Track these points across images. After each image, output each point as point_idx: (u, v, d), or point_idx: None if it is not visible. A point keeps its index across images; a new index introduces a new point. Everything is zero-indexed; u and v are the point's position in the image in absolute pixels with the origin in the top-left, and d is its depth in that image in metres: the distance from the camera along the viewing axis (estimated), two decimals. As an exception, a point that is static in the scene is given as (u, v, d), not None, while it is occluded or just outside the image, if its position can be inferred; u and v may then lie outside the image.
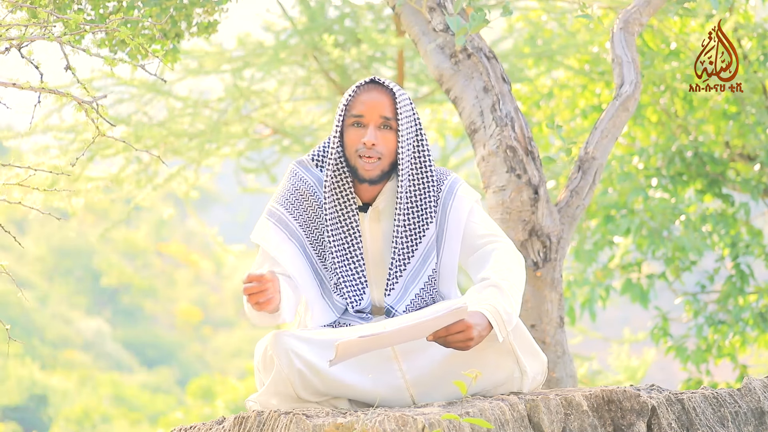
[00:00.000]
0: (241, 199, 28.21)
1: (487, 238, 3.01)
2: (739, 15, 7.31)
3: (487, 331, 2.76)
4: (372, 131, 2.96)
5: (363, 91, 3.01)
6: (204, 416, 14.33)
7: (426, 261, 3.00)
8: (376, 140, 2.96)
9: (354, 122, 2.99)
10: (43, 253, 29.91)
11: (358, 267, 3.01)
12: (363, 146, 2.96)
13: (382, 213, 3.04)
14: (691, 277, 8.36)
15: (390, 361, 2.84)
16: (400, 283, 3.00)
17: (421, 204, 3.02)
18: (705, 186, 7.75)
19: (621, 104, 4.16)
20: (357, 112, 2.98)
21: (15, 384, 22.63)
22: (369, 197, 3.04)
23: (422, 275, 3.00)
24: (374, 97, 2.99)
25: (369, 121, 2.98)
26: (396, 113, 2.98)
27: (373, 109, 2.97)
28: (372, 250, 3.04)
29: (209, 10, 4.29)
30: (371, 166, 2.96)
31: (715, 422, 2.82)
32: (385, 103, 2.98)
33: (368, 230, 3.04)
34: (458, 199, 3.04)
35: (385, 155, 2.97)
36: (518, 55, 8.08)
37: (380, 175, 2.98)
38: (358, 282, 3.01)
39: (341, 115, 3.00)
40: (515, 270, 2.93)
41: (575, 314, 7.77)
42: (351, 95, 3.01)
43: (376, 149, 2.96)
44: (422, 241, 3.00)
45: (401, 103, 2.98)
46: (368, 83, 3.02)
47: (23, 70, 3.03)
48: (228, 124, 8.10)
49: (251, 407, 2.94)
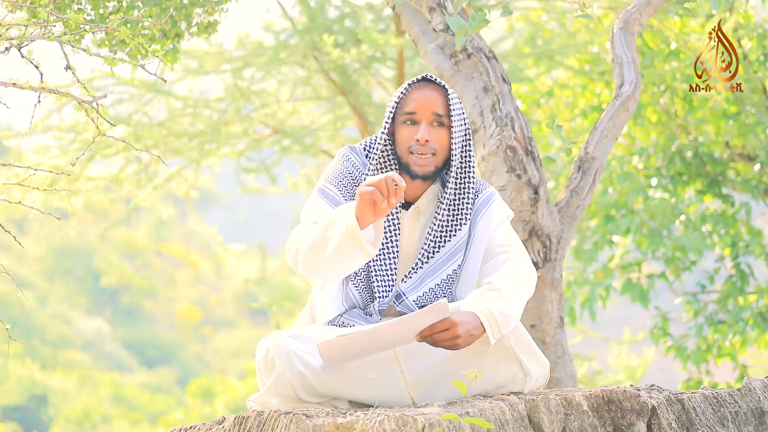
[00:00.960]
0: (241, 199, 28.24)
1: (504, 248, 3.03)
2: (739, 15, 7.31)
3: (479, 331, 2.76)
4: (425, 128, 2.97)
5: (415, 89, 3.01)
6: (204, 416, 14.34)
7: (450, 260, 3.02)
8: (429, 137, 2.96)
9: (406, 119, 2.99)
10: (43, 253, 29.91)
11: (391, 262, 3.02)
12: (416, 143, 2.96)
13: (423, 213, 3.05)
14: (691, 277, 8.36)
15: (390, 362, 2.85)
16: (419, 274, 3.01)
17: (459, 205, 3.03)
18: (705, 186, 7.75)
19: (621, 104, 4.16)
20: (410, 110, 2.99)
21: (15, 384, 22.63)
22: (413, 196, 3.05)
23: (442, 272, 3.01)
24: (427, 94, 2.99)
25: (422, 118, 2.98)
26: (449, 110, 2.98)
27: (426, 107, 2.98)
28: (407, 247, 3.05)
29: (209, 10, 4.29)
30: (425, 161, 2.97)
31: (715, 422, 2.82)
32: (438, 101, 2.99)
33: (407, 228, 3.05)
34: (491, 210, 3.06)
35: (438, 152, 2.98)
36: (518, 55, 8.08)
37: (434, 171, 2.99)
38: (388, 275, 3.01)
39: (392, 112, 3.01)
40: (523, 279, 2.94)
41: (575, 314, 7.77)
42: (403, 93, 3.01)
43: (429, 145, 2.97)
44: (452, 240, 3.02)
45: (453, 100, 2.99)
46: (420, 81, 3.03)
47: (23, 70, 3.03)
48: (228, 124, 8.10)
49: (251, 407, 2.94)
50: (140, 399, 25.36)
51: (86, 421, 22.53)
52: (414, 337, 2.76)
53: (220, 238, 9.25)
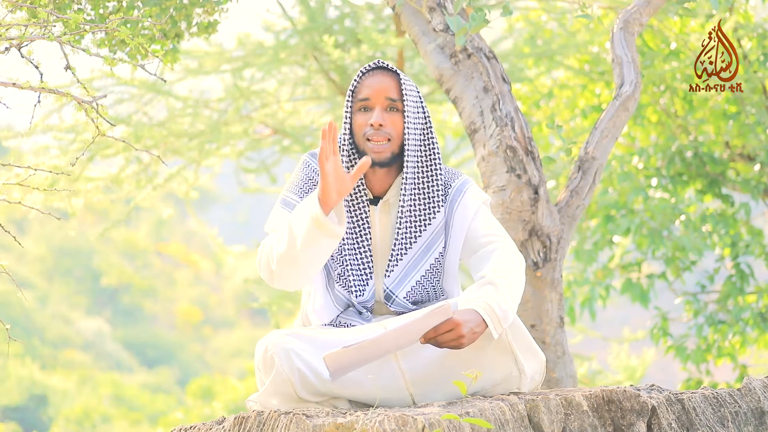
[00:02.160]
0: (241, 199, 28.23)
1: (489, 238, 3.01)
2: (739, 15, 7.31)
3: (482, 327, 2.76)
4: (378, 113, 2.97)
5: (368, 76, 3.02)
6: (204, 416, 14.33)
7: (429, 250, 3.00)
8: (383, 121, 2.96)
9: (361, 107, 3.00)
10: (43, 253, 29.90)
11: (365, 258, 3.00)
12: (370, 128, 2.96)
13: (393, 206, 3.04)
14: (691, 277, 8.36)
15: (390, 361, 2.85)
16: (400, 267, 3.00)
17: (428, 191, 3.01)
18: (705, 186, 7.75)
19: (621, 104, 4.16)
20: (363, 96, 3.00)
21: (15, 384, 22.63)
22: (380, 190, 3.04)
23: (424, 263, 3.00)
24: (379, 80, 3.00)
25: (375, 104, 2.98)
26: (402, 95, 2.98)
27: (379, 92, 2.98)
28: (381, 242, 3.04)
29: (209, 10, 4.29)
30: (380, 147, 2.96)
31: (715, 422, 2.82)
32: (390, 85, 2.99)
33: (378, 222, 3.04)
34: (466, 198, 3.04)
35: (393, 137, 2.98)
36: (518, 55, 8.08)
37: (390, 157, 2.98)
38: (364, 273, 3.00)
39: (349, 101, 3.01)
40: (514, 269, 2.93)
41: (575, 314, 7.77)
42: (356, 81, 3.02)
43: (384, 130, 2.96)
44: (427, 230, 3.00)
45: (406, 84, 2.99)
46: (373, 68, 3.03)
47: (23, 70, 3.03)
48: (228, 124, 8.10)
49: (251, 407, 2.94)
50: (140, 399, 25.36)
51: (86, 421, 22.53)
52: (418, 339, 2.76)
53: (219, 239, 9.24)
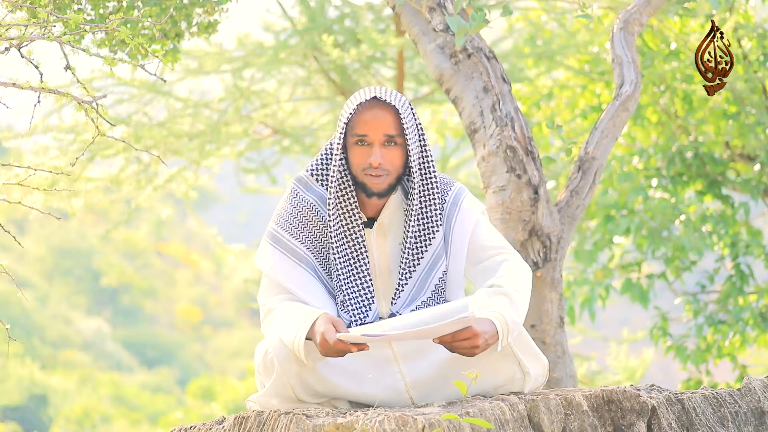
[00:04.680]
0: (241, 199, 28.22)
1: (494, 250, 3.00)
2: (739, 15, 7.31)
3: (494, 339, 2.76)
4: (378, 151, 2.91)
5: (365, 110, 2.92)
6: (204, 416, 14.34)
7: (433, 270, 2.98)
8: (382, 159, 2.91)
9: (357, 141, 2.93)
10: (43, 253, 29.90)
11: (365, 283, 2.97)
12: (370, 166, 2.91)
13: (388, 227, 3.00)
14: (691, 277, 8.35)
15: (390, 363, 2.84)
16: (406, 292, 2.97)
17: (428, 214, 2.98)
18: (705, 186, 7.75)
19: (621, 104, 4.16)
20: (360, 132, 2.92)
21: (15, 384, 22.62)
22: (373, 212, 3.00)
23: (429, 284, 2.98)
24: (377, 115, 2.92)
25: (374, 141, 2.91)
26: (402, 129, 2.93)
27: (377, 129, 2.91)
28: (379, 264, 3.01)
29: (209, 10, 4.29)
30: (379, 181, 2.92)
31: (715, 422, 2.82)
32: (388, 121, 2.92)
33: (375, 245, 3.00)
34: (463, 212, 3.01)
35: (392, 171, 2.93)
36: (518, 55, 8.08)
37: (388, 188, 2.94)
38: (365, 297, 2.96)
39: (342, 133, 2.94)
40: (525, 284, 2.93)
41: (575, 314, 7.77)
42: (352, 113, 2.93)
43: (382, 167, 2.91)
44: (428, 250, 2.97)
45: (406, 118, 2.92)
46: (369, 101, 2.93)
47: (23, 70, 3.03)
48: (228, 125, 8.10)
49: (251, 407, 2.94)
50: (140, 399, 25.36)
51: (86, 421, 22.53)
52: (432, 338, 2.76)
53: (219, 239, 9.24)
